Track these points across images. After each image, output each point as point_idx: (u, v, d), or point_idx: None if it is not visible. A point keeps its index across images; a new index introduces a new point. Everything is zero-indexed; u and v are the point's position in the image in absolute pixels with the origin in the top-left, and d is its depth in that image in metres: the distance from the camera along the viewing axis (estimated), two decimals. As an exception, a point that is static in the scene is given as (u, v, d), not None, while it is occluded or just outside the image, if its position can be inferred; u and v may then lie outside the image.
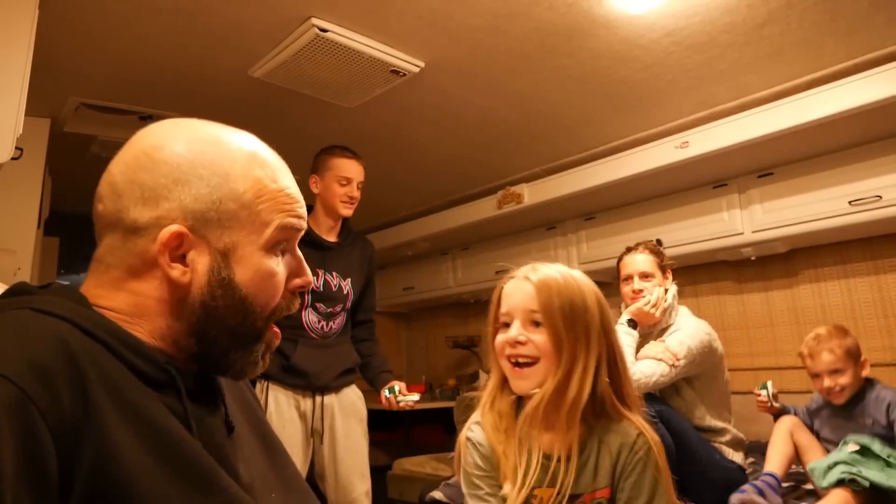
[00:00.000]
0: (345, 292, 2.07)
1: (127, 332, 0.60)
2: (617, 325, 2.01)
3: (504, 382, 1.06)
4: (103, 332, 0.57)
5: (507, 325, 1.04)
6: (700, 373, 1.96)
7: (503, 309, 1.05)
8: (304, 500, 0.77)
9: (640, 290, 2.01)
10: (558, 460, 0.98)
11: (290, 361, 1.94)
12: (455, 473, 2.52)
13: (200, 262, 0.62)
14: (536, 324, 1.00)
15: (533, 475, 0.98)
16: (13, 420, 0.47)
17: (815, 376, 1.85)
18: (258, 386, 1.95)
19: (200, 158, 0.62)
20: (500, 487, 1.02)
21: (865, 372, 1.83)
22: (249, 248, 0.63)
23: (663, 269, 2.09)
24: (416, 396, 2.01)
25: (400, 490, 2.80)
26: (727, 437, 1.97)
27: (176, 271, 0.61)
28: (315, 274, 1.99)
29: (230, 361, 0.65)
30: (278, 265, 0.66)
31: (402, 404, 1.98)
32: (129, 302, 0.62)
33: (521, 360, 1.00)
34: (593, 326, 0.99)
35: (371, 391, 2.16)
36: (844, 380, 1.78)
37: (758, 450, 2.15)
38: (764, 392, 1.99)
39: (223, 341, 0.64)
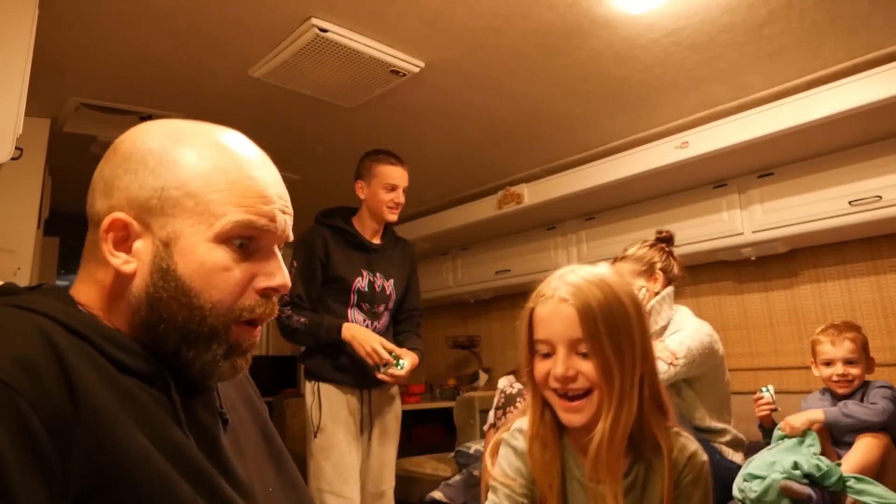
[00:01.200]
0: (388, 293, 2.13)
1: (111, 329, 0.60)
2: None
3: (544, 411, 0.96)
4: (87, 329, 0.57)
5: (546, 355, 0.92)
6: (701, 374, 1.96)
7: (540, 335, 0.92)
8: (302, 497, 0.77)
9: (639, 290, 2.01)
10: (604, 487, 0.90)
11: (339, 360, 2.00)
12: (454, 474, 2.53)
13: (145, 251, 0.61)
14: (583, 354, 0.89)
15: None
16: (2, 414, 0.47)
17: (828, 364, 1.86)
18: (309, 386, 2.02)
19: (152, 149, 0.62)
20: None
21: (870, 372, 1.86)
22: (195, 239, 0.60)
23: (651, 270, 2.05)
24: (401, 365, 1.91)
25: (400, 490, 2.79)
26: (727, 438, 1.97)
27: (118, 259, 0.60)
28: (360, 275, 2.06)
29: (183, 360, 0.61)
30: (231, 261, 0.62)
31: (381, 376, 1.94)
32: (97, 295, 0.63)
33: (570, 393, 0.90)
34: (637, 343, 0.89)
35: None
36: (856, 371, 1.83)
37: (758, 450, 2.14)
38: (767, 394, 1.97)
39: (172, 337, 0.60)
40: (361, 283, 2.06)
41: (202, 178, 0.61)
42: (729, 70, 2.11)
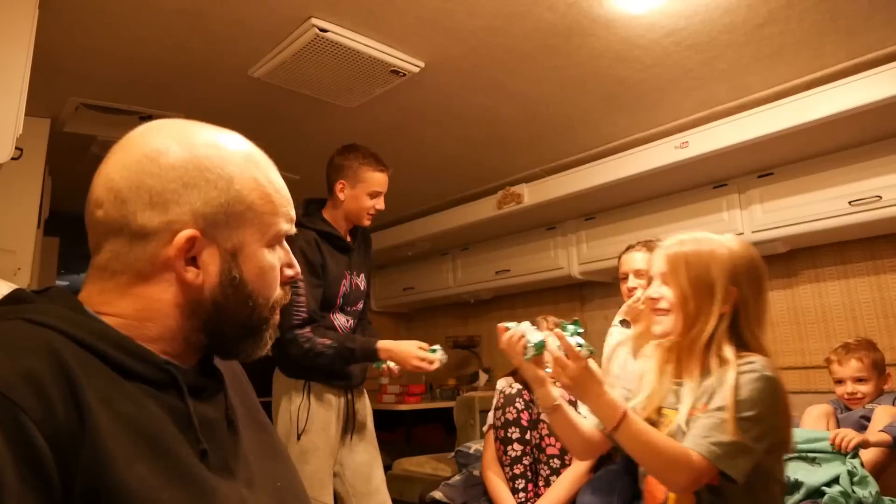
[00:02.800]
0: (362, 289, 2.09)
1: (124, 336, 0.60)
2: (611, 328, 2.01)
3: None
4: (97, 340, 0.57)
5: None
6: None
7: (651, 271, 1.29)
8: (300, 493, 0.77)
9: (634, 289, 2.00)
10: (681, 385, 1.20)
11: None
12: (454, 474, 2.53)
13: (212, 263, 0.64)
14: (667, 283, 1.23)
15: (663, 396, 1.23)
16: (6, 431, 0.47)
17: (839, 382, 1.96)
18: (293, 384, 1.92)
19: (206, 162, 0.63)
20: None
21: (888, 385, 1.91)
22: (254, 247, 0.66)
23: None
24: (438, 351, 1.94)
25: (400, 490, 2.80)
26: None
27: (190, 274, 0.63)
28: (345, 277, 2.01)
29: (240, 349, 0.69)
30: (276, 261, 0.69)
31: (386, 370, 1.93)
32: (136, 307, 0.62)
33: (658, 313, 1.24)
34: (717, 287, 1.17)
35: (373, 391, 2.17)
36: (866, 388, 1.91)
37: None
38: None
39: (233, 334, 0.67)
40: (346, 285, 2.01)
41: (255, 192, 0.66)
42: (729, 70, 2.11)
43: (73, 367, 0.53)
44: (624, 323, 1.98)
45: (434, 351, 1.91)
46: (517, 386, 2.21)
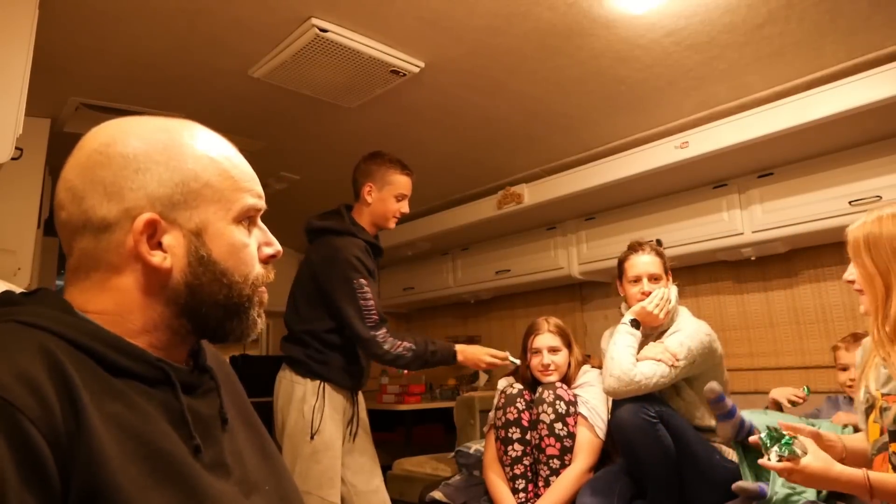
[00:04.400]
0: (376, 291, 2.10)
1: (115, 336, 0.60)
2: (619, 325, 2.02)
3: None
4: (90, 340, 0.57)
5: None
6: (700, 374, 1.96)
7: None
8: (292, 490, 0.78)
9: (649, 293, 2.02)
10: None
11: (352, 365, 1.99)
12: (454, 474, 2.53)
13: (177, 245, 0.63)
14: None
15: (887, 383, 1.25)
16: (5, 432, 0.47)
17: (844, 369, 2.00)
18: (310, 386, 1.94)
19: (157, 145, 0.64)
20: None
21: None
22: (220, 224, 0.66)
23: (667, 271, 2.10)
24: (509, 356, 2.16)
25: (400, 490, 2.80)
26: (727, 437, 1.97)
27: (157, 258, 0.63)
28: (376, 282, 2.06)
29: (227, 330, 0.68)
30: (247, 237, 0.69)
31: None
32: (115, 300, 0.62)
33: (856, 289, 1.33)
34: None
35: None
36: None
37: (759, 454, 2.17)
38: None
39: (215, 314, 0.66)
40: (375, 290, 2.03)
41: (212, 169, 0.66)
42: (729, 70, 2.11)
43: (68, 367, 0.53)
44: (634, 323, 1.99)
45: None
46: (518, 386, 2.22)
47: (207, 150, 0.67)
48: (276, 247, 0.72)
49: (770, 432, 1.15)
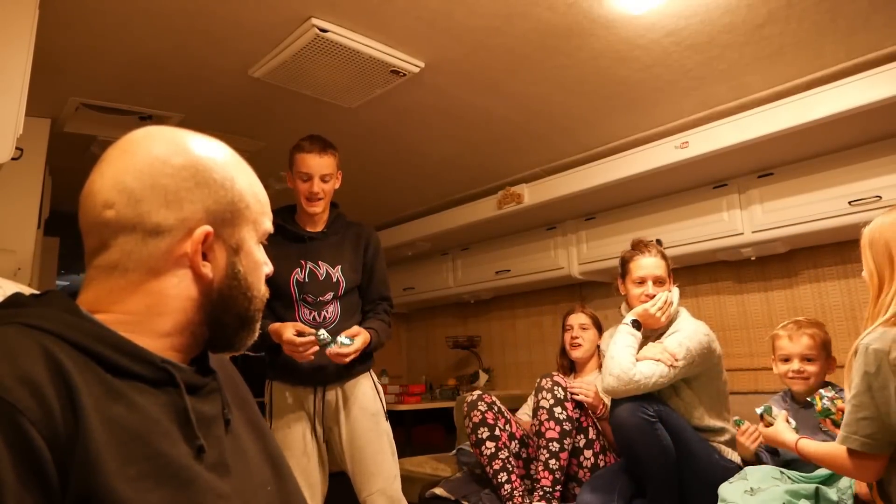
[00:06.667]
0: (334, 280, 1.96)
1: (121, 337, 0.61)
2: (620, 325, 2.02)
3: None
4: (93, 342, 0.58)
5: None
6: (699, 374, 1.96)
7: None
8: (294, 491, 0.78)
9: (653, 296, 2.02)
10: None
11: (286, 357, 1.83)
12: (454, 473, 2.53)
13: (220, 257, 0.69)
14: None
15: None
16: (5, 433, 0.48)
17: (785, 360, 1.87)
18: (267, 385, 1.94)
19: (211, 164, 0.68)
20: None
21: (831, 372, 1.84)
22: (250, 244, 0.72)
23: (670, 274, 2.10)
24: (339, 342, 1.78)
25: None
26: (726, 437, 1.97)
27: (206, 268, 0.67)
28: (299, 266, 1.92)
29: (237, 339, 0.73)
30: (263, 256, 0.76)
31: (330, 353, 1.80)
32: (147, 302, 0.64)
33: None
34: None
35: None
36: (813, 368, 1.82)
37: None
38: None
39: (233, 324, 0.71)
40: (300, 274, 1.91)
41: (249, 192, 0.72)
42: (729, 70, 2.11)
43: (69, 370, 0.54)
44: (635, 323, 1.99)
45: (332, 340, 1.77)
46: (478, 392, 2.40)
47: (248, 173, 0.73)
48: (270, 266, 0.78)
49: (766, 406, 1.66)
